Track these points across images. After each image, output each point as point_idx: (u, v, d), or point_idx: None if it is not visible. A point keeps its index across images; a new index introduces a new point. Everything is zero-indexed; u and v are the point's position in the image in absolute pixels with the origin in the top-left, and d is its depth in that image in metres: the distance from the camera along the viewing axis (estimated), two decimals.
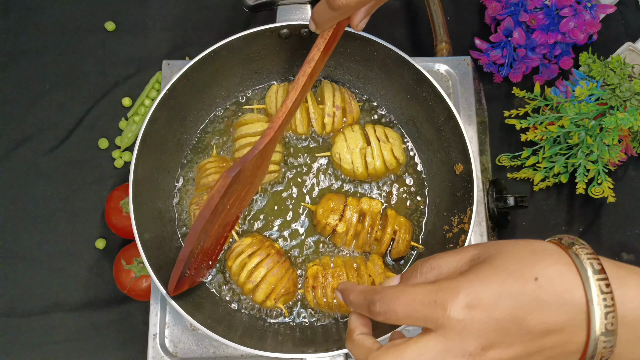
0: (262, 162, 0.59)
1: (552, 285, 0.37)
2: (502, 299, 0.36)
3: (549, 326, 0.36)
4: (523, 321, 0.36)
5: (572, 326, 0.36)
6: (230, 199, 0.57)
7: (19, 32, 0.86)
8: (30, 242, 0.78)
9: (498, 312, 0.36)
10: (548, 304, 0.36)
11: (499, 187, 0.69)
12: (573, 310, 0.36)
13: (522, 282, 0.37)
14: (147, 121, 0.61)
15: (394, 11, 0.87)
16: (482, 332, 0.36)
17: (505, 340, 0.36)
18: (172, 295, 0.57)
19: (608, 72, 0.71)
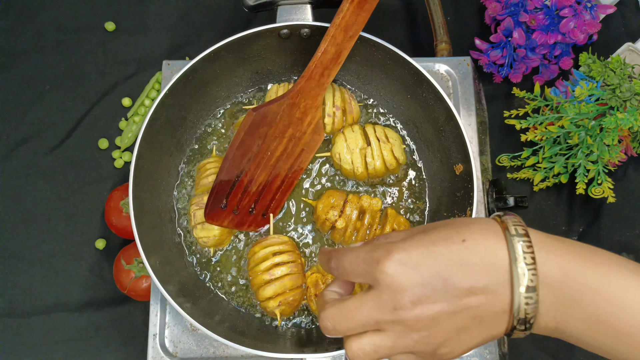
0: (302, 116, 0.62)
1: (478, 246, 0.40)
2: (430, 258, 0.40)
3: (474, 285, 0.39)
4: (448, 278, 0.39)
5: (496, 285, 0.39)
6: (270, 145, 0.61)
7: (19, 32, 0.86)
8: (30, 242, 0.78)
9: (425, 269, 0.39)
10: (473, 263, 0.39)
11: (499, 187, 0.69)
12: (496, 270, 0.39)
13: (449, 243, 0.40)
14: (147, 121, 0.61)
15: (394, 11, 0.87)
16: (410, 288, 0.39)
17: (431, 296, 0.39)
18: (206, 220, 0.61)
19: (608, 73, 0.71)
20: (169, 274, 0.61)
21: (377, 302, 0.41)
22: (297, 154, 0.65)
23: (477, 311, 0.40)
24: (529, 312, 0.39)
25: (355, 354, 0.42)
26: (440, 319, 0.40)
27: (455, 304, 0.39)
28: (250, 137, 0.59)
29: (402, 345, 0.41)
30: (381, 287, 0.40)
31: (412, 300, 0.39)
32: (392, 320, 0.40)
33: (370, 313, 0.41)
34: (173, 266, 0.63)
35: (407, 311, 0.40)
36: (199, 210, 0.64)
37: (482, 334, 0.40)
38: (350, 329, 0.42)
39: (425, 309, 0.39)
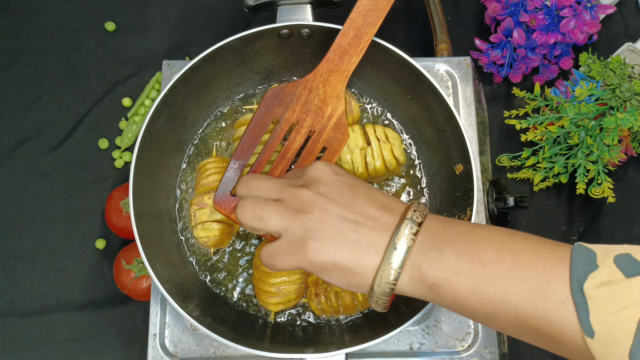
0: (322, 105, 0.61)
1: (386, 196, 0.47)
2: (352, 177, 0.48)
3: (371, 210, 0.45)
4: (356, 193, 0.46)
5: (386, 220, 0.44)
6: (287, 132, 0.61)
7: (19, 32, 0.86)
8: (30, 242, 0.78)
9: (343, 178, 0.47)
10: (378, 198, 0.46)
11: (499, 187, 0.69)
12: (392, 212, 0.45)
13: (369, 184, 0.49)
14: (147, 121, 0.61)
15: (394, 11, 0.87)
16: (325, 182, 0.46)
17: (335, 196, 0.45)
18: (214, 206, 0.60)
19: (608, 73, 0.71)
20: (169, 274, 0.61)
21: (293, 180, 0.48)
22: (318, 150, 0.62)
23: (361, 229, 0.44)
24: (406, 240, 0.43)
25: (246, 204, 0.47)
26: (330, 214, 0.44)
27: (350, 212, 0.44)
28: (265, 116, 0.59)
29: (284, 217, 0.45)
30: (303, 176, 0.48)
31: (319, 189, 0.45)
32: (293, 193, 0.46)
33: (282, 184, 0.47)
34: (173, 266, 0.63)
35: (309, 192, 0.45)
36: (199, 210, 0.64)
37: (353, 251, 0.43)
38: (257, 189, 0.48)
39: (324, 198, 0.45)
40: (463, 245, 0.42)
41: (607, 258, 0.39)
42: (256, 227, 0.46)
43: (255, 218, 0.46)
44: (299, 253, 0.44)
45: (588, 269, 0.38)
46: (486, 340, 0.63)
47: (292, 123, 0.60)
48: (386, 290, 0.43)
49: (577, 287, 0.38)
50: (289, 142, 0.60)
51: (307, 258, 0.44)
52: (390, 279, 0.43)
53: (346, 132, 0.62)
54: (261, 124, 0.60)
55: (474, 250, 0.42)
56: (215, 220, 0.63)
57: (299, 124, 0.60)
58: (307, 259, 0.44)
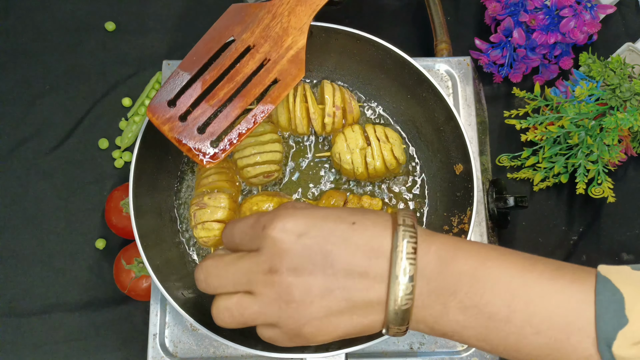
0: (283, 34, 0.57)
1: (366, 231, 0.39)
2: (316, 229, 0.39)
3: (353, 266, 0.38)
4: (329, 254, 0.39)
5: (375, 272, 0.38)
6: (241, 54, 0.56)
7: (19, 32, 0.86)
8: (30, 242, 0.78)
9: (309, 239, 0.39)
10: (357, 244, 0.39)
11: (499, 187, 0.69)
12: (377, 257, 0.39)
13: (339, 222, 0.40)
14: (147, 121, 0.61)
15: (394, 11, 0.87)
16: (290, 254, 0.39)
17: (309, 267, 0.38)
18: (147, 112, 0.56)
19: (608, 73, 0.71)
20: (169, 273, 0.61)
21: (255, 261, 0.40)
22: (270, 81, 0.58)
23: (351, 294, 0.39)
24: (404, 304, 0.38)
25: (221, 312, 0.42)
26: (312, 293, 0.39)
27: (331, 281, 0.39)
28: (222, 30, 0.56)
29: (269, 312, 0.40)
30: (263, 250, 0.40)
31: (288, 266, 0.39)
32: (264, 282, 0.39)
33: (245, 270, 0.40)
34: (173, 266, 0.63)
35: (282, 276, 0.39)
36: (199, 210, 0.64)
37: (353, 321, 0.39)
38: (221, 285, 0.41)
39: (300, 278, 0.39)
40: (468, 295, 0.38)
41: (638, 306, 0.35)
42: (243, 327, 0.42)
43: (239, 324, 0.42)
44: (299, 340, 0.41)
45: (617, 323, 0.35)
46: None
47: (248, 45, 0.57)
48: (398, 336, 0.41)
49: (605, 345, 0.35)
50: (241, 64, 0.57)
51: (309, 343, 0.41)
52: (400, 331, 0.40)
53: (302, 68, 0.58)
54: (216, 38, 0.56)
55: (481, 302, 0.38)
56: (215, 220, 0.63)
57: (254, 48, 0.57)
58: (309, 343, 0.41)
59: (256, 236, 0.41)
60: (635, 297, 0.35)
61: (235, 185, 0.67)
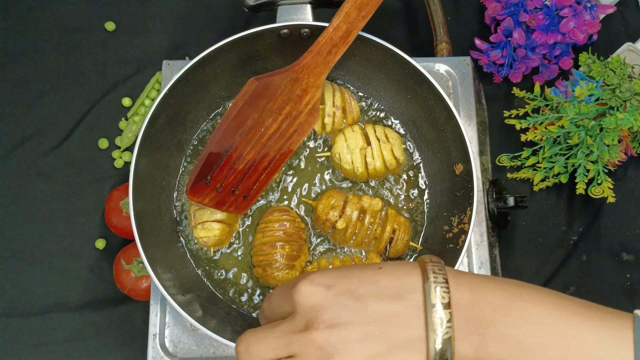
0: (302, 94, 0.60)
1: (393, 272, 0.40)
2: (344, 278, 0.40)
3: (387, 307, 0.39)
4: (361, 299, 0.39)
5: (409, 308, 0.38)
6: (265, 120, 0.59)
7: (19, 32, 0.86)
8: (30, 242, 0.78)
9: (338, 288, 0.39)
10: (386, 286, 0.39)
11: (499, 187, 0.69)
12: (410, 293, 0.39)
13: (365, 269, 0.41)
14: (147, 121, 0.61)
15: (394, 11, 0.87)
16: (322, 307, 0.39)
17: (343, 315, 0.38)
18: (188, 195, 0.59)
19: (608, 73, 0.71)
20: (169, 274, 0.61)
21: (291, 322, 0.40)
22: (290, 134, 0.62)
23: (389, 335, 0.38)
24: (445, 333, 0.38)
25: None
26: (351, 341, 0.38)
27: (367, 325, 0.38)
28: (248, 108, 0.57)
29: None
30: (296, 309, 0.40)
31: (324, 319, 0.39)
32: (302, 341, 0.39)
33: (283, 333, 0.40)
34: (173, 266, 0.63)
35: (319, 331, 0.38)
36: (199, 210, 0.64)
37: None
38: (262, 353, 0.40)
39: (336, 329, 0.38)
40: (505, 326, 0.38)
41: None
42: None
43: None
44: None
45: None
46: None
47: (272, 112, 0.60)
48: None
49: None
50: (265, 128, 0.59)
51: None
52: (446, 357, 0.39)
53: (317, 115, 0.62)
54: (243, 116, 0.58)
55: (518, 334, 0.38)
56: (215, 220, 0.63)
57: (277, 112, 0.60)
58: None
59: (288, 297, 0.41)
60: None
61: None
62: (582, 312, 0.39)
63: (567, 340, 0.37)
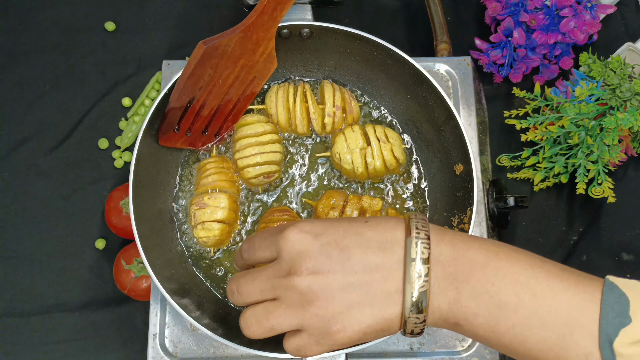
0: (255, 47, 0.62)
1: (378, 225, 0.42)
2: (331, 228, 0.42)
3: (370, 259, 0.41)
4: (345, 249, 0.41)
5: (390, 262, 0.41)
6: (222, 73, 0.61)
7: (19, 32, 0.86)
8: (30, 242, 0.78)
9: (325, 238, 0.41)
10: (371, 238, 0.41)
11: (499, 187, 0.69)
12: (392, 247, 0.41)
13: (353, 222, 0.43)
14: (147, 121, 0.61)
15: (394, 11, 0.87)
16: (308, 254, 0.41)
17: (326, 264, 0.41)
18: (160, 143, 0.62)
19: (608, 73, 0.71)
20: (169, 273, 0.61)
21: (277, 267, 0.42)
22: (250, 80, 0.65)
23: (370, 285, 0.40)
24: (421, 286, 0.40)
25: (248, 320, 0.44)
26: (332, 289, 0.41)
27: (350, 275, 0.41)
28: (200, 68, 0.59)
29: (294, 314, 0.42)
30: (282, 254, 0.42)
31: (307, 266, 0.41)
32: (286, 285, 0.41)
33: (269, 277, 0.42)
34: (173, 266, 0.63)
35: (302, 277, 0.41)
36: (199, 210, 0.64)
37: (374, 313, 0.41)
38: (250, 294, 0.43)
39: (319, 276, 0.41)
40: (480, 283, 0.40)
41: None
42: (271, 336, 0.43)
43: (266, 331, 0.43)
44: (326, 341, 0.42)
45: (619, 322, 0.36)
46: None
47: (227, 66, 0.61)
48: (416, 331, 0.42)
49: (607, 342, 0.36)
50: (223, 79, 0.62)
51: (336, 343, 0.41)
52: (418, 322, 0.41)
53: (274, 61, 0.64)
54: (196, 76, 0.60)
55: (492, 290, 0.40)
56: (215, 220, 0.63)
57: (232, 65, 0.62)
58: (336, 343, 0.41)
59: (274, 242, 0.43)
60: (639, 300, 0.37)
61: (235, 185, 0.67)
62: (556, 273, 0.40)
63: (539, 298, 0.39)
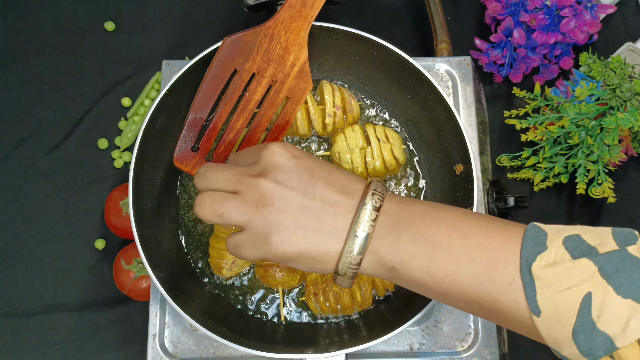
0: (284, 54, 0.58)
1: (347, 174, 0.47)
2: (309, 159, 0.46)
3: (331, 194, 0.45)
4: (314, 177, 0.45)
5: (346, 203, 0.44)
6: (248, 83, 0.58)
7: (19, 32, 0.86)
8: (30, 242, 0.78)
9: (301, 162, 0.45)
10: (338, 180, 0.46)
11: (499, 187, 0.69)
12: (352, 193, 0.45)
13: (328, 163, 0.48)
14: (147, 121, 0.61)
15: (394, 11, 0.87)
16: (281, 167, 0.45)
17: (293, 182, 0.44)
18: (175, 162, 0.60)
19: (608, 72, 0.71)
20: (169, 274, 0.61)
21: (249, 167, 0.46)
22: (281, 100, 0.61)
23: (322, 215, 0.44)
24: (366, 228, 0.43)
25: (203, 199, 0.46)
26: (289, 203, 0.44)
27: (309, 199, 0.44)
28: (224, 67, 0.56)
29: (245, 210, 0.44)
30: (259, 160, 0.46)
31: (276, 176, 0.44)
32: (250, 183, 0.45)
33: (239, 171, 0.46)
34: (172, 266, 0.63)
35: (267, 181, 0.44)
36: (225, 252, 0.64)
37: (316, 240, 0.44)
38: (215, 180, 0.46)
39: (282, 187, 0.44)
40: (418, 228, 0.43)
41: (557, 239, 0.41)
42: (217, 223, 0.46)
43: (215, 215, 0.45)
44: (262, 246, 0.44)
45: (537, 250, 0.40)
46: (486, 341, 0.63)
47: (253, 73, 0.58)
48: (349, 274, 0.44)
49: (526, 267, 0.40)
50: (250, 93, 0.59)
51: (270, 251, 0.44)
52: (353, 264, 0.44)
53: (309, 80, 0.61)
54: (220, 75, 0.57)
55: (428, 233, 0.43)
56: None
57: (259, 74, 0.58)
58: (270, 252, 0.44)
59: (258, 151, 0.47)
60: (556, 233, 0.41)
61: None
62: (486, 219, 0.44)
63: (469, 237, 0.43)
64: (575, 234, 0.42)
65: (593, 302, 0.38)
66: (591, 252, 0.40)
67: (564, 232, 0.41)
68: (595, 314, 0.37)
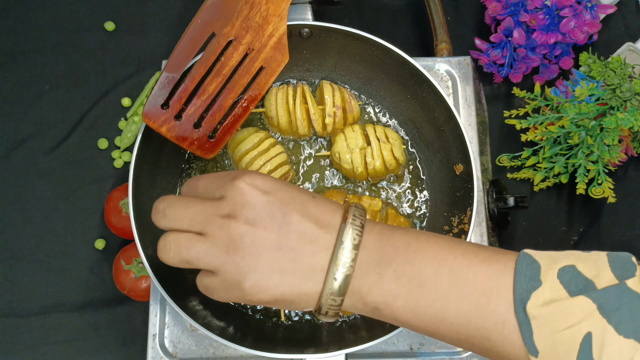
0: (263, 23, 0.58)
1: (323, 205, 0.43)
2: (281, 192, 0.42)
3: (306, 231, 0.41)
4: (287, 215, 0.41)
5: (324, 240, 0.41)
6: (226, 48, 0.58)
7: (18, 32, 0.85)
8: (30, 242, 0.78)
9: (272, 197, 0.41)
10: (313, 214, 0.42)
11: (499, 187, 0.69)
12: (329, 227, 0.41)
13: (302, 192, 0.43)
14: None
15: (394, 11, 0.87)
16: (252, 206, 0.40)
17: (266, 222, 0.40)
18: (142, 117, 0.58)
19: (608, 72, 0.71)
20: (169, 274, 0.61)
21: (217, 205, 0.41)
22: (255, 70, 0.60)
23: (298, 255, 0.41)
24: (345, 269, 0.40)
25: (168, 244, 0.42)
26: (262, 246, 0.40)
27: (284, 239, 0.40)
28: (202, 28, 0.56)
29: (215, 255, 0.40)
30: (227, 197, 0.41)
31: (247, 216, 0.40)
32: (219, 224, 0.40)
33: (205, 210, 0.41)
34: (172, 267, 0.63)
35: (238, 223, 0.40)
36: None
37: (293, 283, 0.41)
38: (178, 219, 0.42)
39: (254, 229, 0.40)
40: (401, 265, 0.41)
41: (551, 271, 0.38)
42: (184, 267, 0.42)
43: (182, 261, 0.42)
44: (235, 292, 0.41)
45: (531, 286, 0.38)
46: None
47: (231, 39, 0.58)
48: (331, 313, 0.42)
49: (520, 306, 0.38)
50: (226, 58, 0.58)
51: (245, 298, 0.41)
52: (334, 305, 0.41)
53: (286, 53, 0.60)
54: (197, 37, 0.57)
55: (412, 270, 0.41)
56: None
57: (237, 40, 0.58)
58: (245, 298, 0.41)
59: (223, 186, 0.42)
60: (549, 265, 0.39)
61: None
62: (472, 249, 0.42)
63: (456, 272, 0.40)
64: (569, 264, 0.39)
65: (594, 342, 0.36)
66: (588, 288, 0.37)
67: (558, 262, 0.39)
68: (596, 355, 0.36)
